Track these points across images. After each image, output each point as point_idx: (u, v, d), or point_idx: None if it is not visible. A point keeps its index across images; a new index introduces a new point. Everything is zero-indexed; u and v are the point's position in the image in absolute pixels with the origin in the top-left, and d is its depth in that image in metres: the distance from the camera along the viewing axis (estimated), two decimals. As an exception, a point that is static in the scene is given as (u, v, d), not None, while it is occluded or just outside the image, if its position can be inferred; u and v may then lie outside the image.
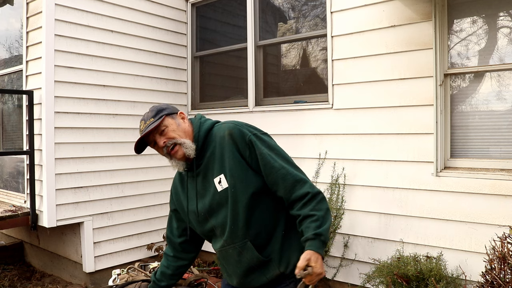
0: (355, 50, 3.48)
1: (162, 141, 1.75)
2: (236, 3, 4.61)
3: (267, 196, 1.72)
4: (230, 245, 1.75)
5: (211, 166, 1.75)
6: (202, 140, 1.77)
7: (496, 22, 3.02)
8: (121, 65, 4.18)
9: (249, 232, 1.70)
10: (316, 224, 1.60)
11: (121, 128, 4.19)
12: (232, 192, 1.69)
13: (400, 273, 2.81)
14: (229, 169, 1.69)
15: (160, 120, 1.73)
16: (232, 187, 1.69)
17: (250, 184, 1.69)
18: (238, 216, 1.69)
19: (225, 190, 1.71)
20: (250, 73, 4.27)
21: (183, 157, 1.75)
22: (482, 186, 2.87)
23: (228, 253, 1.78)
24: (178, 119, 1.79)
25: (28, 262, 4.79)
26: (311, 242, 1.58)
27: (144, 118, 1.79)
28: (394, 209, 3.28)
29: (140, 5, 4.34)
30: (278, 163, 1.68)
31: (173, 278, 2.02)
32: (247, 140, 1.70)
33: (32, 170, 3.71)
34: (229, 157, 1.70)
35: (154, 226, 4.48)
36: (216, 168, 1.73)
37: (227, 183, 1.70)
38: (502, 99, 2.97)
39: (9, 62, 4.45)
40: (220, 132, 1.76)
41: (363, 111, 3.46)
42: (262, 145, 1.70)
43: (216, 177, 1.73)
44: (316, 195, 1.66)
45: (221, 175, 1.71)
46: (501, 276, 2.10)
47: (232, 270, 1.82)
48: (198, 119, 1.84)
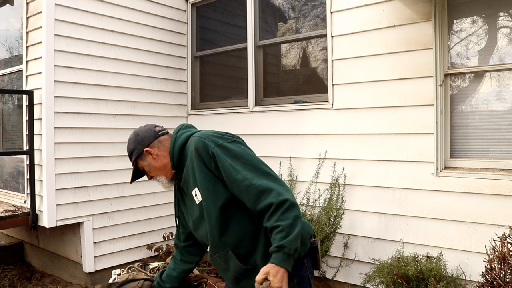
0: (355, 50, 3.48)
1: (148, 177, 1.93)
2: (236, 3, 4.61)
3: (241, 206, 1.68)
4: (216, 254, 1.80)
5: (188, 180, 1.79)
6: (177, 157, 1.81)
7: (496, 22, 3.02)
8: (121, 65, 4.18)
9: (228, 241, 1.73)
10: (281, 235, 1.51)
11: (121, 128, 4.19)
12: (205, 205, 1.72)
13: (400, 273, 2.81)
14: (199, 182, 1.72)
15: (134, 165, 1.89)
16: (204, 200, 1.72)
17: (220, 196, 1.69)
18: (213, 228, 1.72)
19: (200, 204, 1.75)
20: (250, 73, 4.27)
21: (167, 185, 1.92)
22: (482, 186, 2.87)
23: (216, 262, 1.84)
24: (147, 159, 1.86)
25: (28, 262, 4.79)
26: (274, 254, 1.52)
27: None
28: (394, 209, 3.28)
29: (140, 5, 4.34)
30: (241, 175, 1.61)
31: (177, 281, 2.06)
32: (211, 152, 1.67)
33: (32, 170, 3.71)
34: (198, 171, 1.71)
35: (154, 226, 4.48)
36: (191, 182, 1.77)
37: (201, 197, 1.74)
38: (502, 99, 2.97)
39: (9, 62, 4.45)
40: (190, 146, 1.76)
41: (363, 111, 3.46)
42: (225, 156, 1.65)
43: (192, 191, 1.77)
44: (281, 204, 1.55)
45: (195, 189, 1.75)
46: (501, 276, 2.10)
47: (225, 276, 1.88)
48: (174, 134, 1.86)
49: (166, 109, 4.61)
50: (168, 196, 4.62)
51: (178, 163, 1.81)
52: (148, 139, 1.86)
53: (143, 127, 1.91)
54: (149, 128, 1.89)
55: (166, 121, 4.60)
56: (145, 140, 1.86)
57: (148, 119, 4.41)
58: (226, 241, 1.73)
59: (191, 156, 1.74)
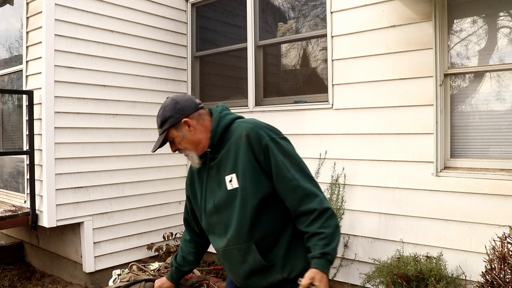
0: (355, 50, 3.48)
1: (173, 149, 1.81)
2: (236, 3, 4.61)
3: (277, 202, 1.69)
4: (236, 245, 1.71)
5: (224, 163, 1.72)
6: (219, 136, 1.73)
7: (496, 22, 3.02)
8: (121, 65, 4.18)
9: (255, 235, 1.68)
10: (324, 242, 1.57)
11: (121, 128, 4.19)
12: (243, 194, 1.66)
13: (400, 273, 2.81)
14: (242, 170, 1.66)
15: (164, 134, 1.77)
16: (242, 189, 1.66)
17: (261, 188, 1.65)
18: (245, 218, 1.67)
19: (235, 190, 1.68)
20: (250, 73, 4.27)
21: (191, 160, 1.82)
22: (482, 186, 2.87)
23: (232, 254, 1.75)
24: (183, 130, 1.76)
25: (28, 262, 4.79)
26: (317, 260, 1.56)
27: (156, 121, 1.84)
28: (394, 209, 3.28)
29: (140, 5, 4.34)
30: (291, 174, 1.64)
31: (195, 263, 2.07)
32: (264, 144, 1.65)
33: (32, 170, 3.71)
34: (244, 159, 1.66)
35: (154, 226, 4.48)
36: (229, 166, 1.70)
37: (237, 184, 1.67)
38: (502, 99, 2.97)
39: (9, 62, 4.45)
40: (238, 130, 1.71)
41: (363, 111, 3.46)
42: (278, 151, 1.65)
43: (227, 175, 1.70)
44: (324, 211, 1.60)
45: (233, 174, 1.68)
46: (501, 276, 2.10)
47: (235, 270, 1.80)
48: (218, 113, 1.79)
49: (166, 109, 4.60)
50: (168, 196, 4.62)
51: (217, 143, 1.74)
52: (189, 109, 1.76)
53: (182, 96, 1.82)
54: (189, 98, 1.80)
55: (166, 121, 4.59)
56: (185, 110, 1.76)
57: (148, 119, 4.42)
58: (253, 234, 1.68)
59: (238, 141, 1.68)
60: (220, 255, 1.82)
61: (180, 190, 4.75)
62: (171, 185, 4.65)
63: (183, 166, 4.78)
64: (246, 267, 1.73)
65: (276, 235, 1.70)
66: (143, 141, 4.37)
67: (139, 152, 4.34)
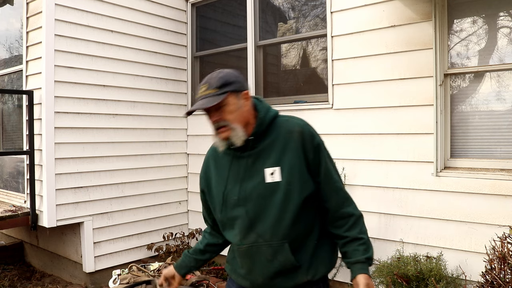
0: (355, 50, 3.48)
1: (215, 118, 1.61)
2: (236, 3, 4.61)
3: (313, 203, 1.67)
4: (267, 242, 1.62)
5: (265, 155, 1.64)
6: (266, 126, 1.66)
7: (496, 22, 3.02)
8: (121, 65, 4.18)
9: (290, 234, 1.62)
10: (365, 247, 1.62)
11: (121, 128, 4.19)
12: (288, 189, 1.60)
13: (400, 273, 2.81)
14: (290, 165, 1.61)
15: (223, 97, 1.57)
16: (288, 184, 1.60)
17: (306, 186, 1.62)
18: (285, 214, 1.60)
19: (275, 184, 1.61)
20: (250, 73, 4.27)
21: (226, 139, 1.63)
22: (482, 186, 2.87)
23: (260, 251, 1.64)
24: (241, 100, 1.62)
25: (28, 262, 4.79)
26: (363, 265, 1.60)
27: (209, 82, 1.60)
28: (394, 209, 3.28)
29: (140, 5, 4.34)
30: (336, 176, 1.69)
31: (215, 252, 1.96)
32: (315, 143, 1.64)
33: (32, 170, 3.71)
34: (293, 154, 1.62)
35: (154, 226, 4.48)
36: (272, 158, 1.63)
37: (280, 178, 1.60)
38: (502, 99, 2.98)
39: (9, 62, 4.45)
40: (288, 125, 1.67)
41: (363, 111, 3.46)
42: (325, 153, 1.68)
43: (269, 168, 1.62)
44: (360, 217, 1.68)
45: (276, 167, 1.61)
46: (501, 276, 2.10)
47: (259, 268, 1.67)
48: (264, 103, 1.73)
49: (166, 109, 4.61)
50: (168, 196, 4.62)
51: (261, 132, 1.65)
52: (247, 86, 1.68)
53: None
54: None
55: (166, 121, 4.60)
56: (245, 84, 1.67)
57: (148, 119, 4.42)
58: (290, 232, 1.61)
59: (288, 136, 1.64)
60: (242, 251, 1.69)
61: (180, 190, 4.75)
62: (171, 185, 4.65)
63: (183, 166, 4.78)
64: (274, 266, 1.64)
65: (306, 236, 1.67)
66: (143, 141, 4.38)
67: (139, 152, 4.34)
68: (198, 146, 4.68)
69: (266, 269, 1.65)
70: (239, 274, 1.77)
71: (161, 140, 4.56)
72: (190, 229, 4.66)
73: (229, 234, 1.74)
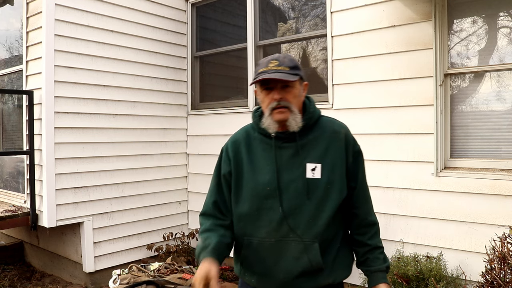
0: (355, 50, 3.48)
1: (280, 96, 1.54)
2: (236, 3, 4.61)
3: (342, 207, 1.65)
4: (299, 238, 1.55)
5: (308, 149, 1.60)
6: (314, 121, 1.65)
7: (496, 22, 3.02)
8: (121, 65, 4.18)
9: (322, 234, 1.58)
10: (384, 256, 1.68)
11: (121, 128, 4.19)
12: (327, 188, 1.57)
13: (400, 273, 2.81)
14: (332, 165, 1.59)
15: (295, 79, 1.55)
16: (328, 183, 1.58)
17: (344, 189, 1.62)
18: (322, 213, 1.57)
19: (316, 181, 1.57)
20: (250, 73, 4.27)
21: (282, 121, 1.57)
22: (482, 186, 2.87)
23: (289, 247, 1.57)
24: (301, 89, 1.63)
25: (28, 262, 4.79)
26: (383, 274, 1.65)
27: (279, 60, 1.57)
28: (394, 209, 3.28)
29: (140, 5, 4.34)
30: (367, 184, 1.72)
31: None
32: (357, 149, 1.69)
33: (32, 170, 3.71)
34: (336, 155, 1.62)
35: (154, 226, 4.48)
36: (315, 155, 1.60)
37: (320, 175, 1.58)
38: (502, 99, 2.97)
39: (9, 62, 4.45)
40: (333, 125, 1.70)
41: (363, 111, 3.46)
42: (363, 161, 1.72)
43: (311, 163, 1.58)
44: (379, 226, 1.74)
45: (318, 164, 1.58)
46: (501, 276, 2.10)
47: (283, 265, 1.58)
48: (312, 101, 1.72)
49: (166, 109, 4.61)
50: (168, 196, 4.62)
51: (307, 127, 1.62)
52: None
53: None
54: None
55: (166, 121, 4.60)
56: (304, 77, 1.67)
57: (148, 119, 4.42)
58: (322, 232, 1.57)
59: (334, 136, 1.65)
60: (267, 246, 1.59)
61: (180, 190, 4.75)
62: (171, 185, 4.65)
63: (183, 166, 4.78)
64: (300, 265, 1.56)
65: (332, 239, 1.64)
66: (143, 141, 4.38)
67: (139, 152, 4.34)
68: (198, 146, 4.68)
69: (292, 267, 1.57)
70: (254, 273, 1.64)
71: (161, 140, 4.56)
72: (190, 229, 4.66)
73: (250, 226, 1.61)
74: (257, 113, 1.70)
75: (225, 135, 4.42)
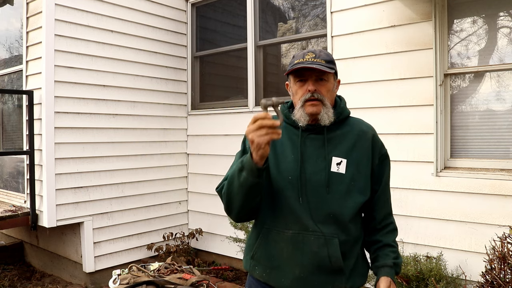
0: (355, 50, 3.48)
1: (314, 88, 1.53)
2: (236, 3, 4.61)
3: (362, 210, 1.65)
4: (317, 232, 1.50)
5: (335, 143, 1.59)
6: (343, 118, 1.65)
7: (496, 22, 3.02)
8: (121, 65, 4.18)
9: (343, 232, 1.53)
10: (396, 255, 1.61)
11: (121, 128, 4.19)
12: (351, 184, 1.55)
13: (400, 273, 2.81)
14: (357, 162, 1.57)
15: (331, 72, 1.56)
16: (352, 180, 1.55)
17: (368, 189, 1.60)
18: (343, 210, 1.52)
19: (339, 175, 1.54)
20: (250, 73, 4.27)
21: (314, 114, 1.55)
22: (482, 186, 2.87)
23: (308, 240, 1.51)
24: (335, 84, 1.64)
25: (28, 262, 4.79)
26: (389, 269, 1.57)
27: (315, 52, 1.57)
28: (394, 209, 3.22)
29: (140, 5, 4.34)
30: (389, 189, 1.70)
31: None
32: (383, 152, 1.68)
33: (32, 170, 3.71)
34: (362, 153, 1.60)
35: (154, 226, 4.48)
36: (341, 149, 1.58)
37: (345, 171, 1.55)
38: (502, 99, 2.97)
39: (9, 62, 4.45)
40: (361, 125, 1.70)
41: (363, 111, 3.46)
42: (389, 165, 1.70)
43: (337, 157, 1.56)
44: (397, 230, 1.70)
45: (344, 159, 1.56)
46: (501, 276, 2.10)
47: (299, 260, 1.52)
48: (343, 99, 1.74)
49: (166, 109, 4.61)
50: (168, 196, 4.62)
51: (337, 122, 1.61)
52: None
53: None
54: None
55: (166, 121, 4.60)
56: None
57: (148, 119, 4.42)
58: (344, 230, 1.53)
59: (361, 135, 1.64)
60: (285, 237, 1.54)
61: (180, 190, 4.75)
62: (171, 185, 4.65)
63: (183, 166, 4.78)
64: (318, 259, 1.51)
65: (354, 243, 1.59)
66: (143, 141, 4.38)
67: (139, 152, 4.34)
68: (198, 146, 4.68)
69: (309, 262, 1.51)
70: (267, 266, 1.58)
71: (161, 140, 4.56)
72: (190, 229, 4.66)
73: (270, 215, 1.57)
74: (287, 105, 1.69)
75: (225, 135, 4.44)
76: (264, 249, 1.58)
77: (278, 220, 1.55)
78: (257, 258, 1.61)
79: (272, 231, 1.56)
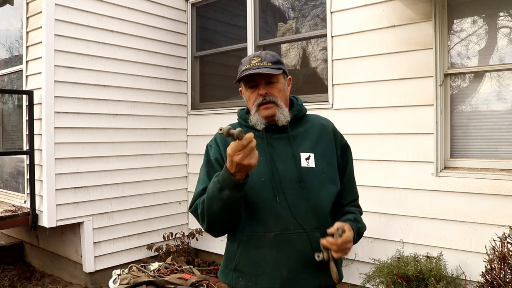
0: (355, 50, 3.48)
1: (265, 91, 1.57)
2: (236, 3, 4.61)
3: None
4: (299, 229, 1.51)
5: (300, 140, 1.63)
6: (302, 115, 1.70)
7: (496, 22, 3.02)
8: (121, 65, 4.18)
9: (325, 225, 1.52)
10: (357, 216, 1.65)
11: (121, 128, 4.19)
12: (323, 176, 1.58)
13: (400, 273, 2.81)
14: (324, 155, 1.62)
15: (278, 73, 1.57)
16: (323, 172, 1.59)
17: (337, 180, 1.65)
18: (320, 203, 1.55)
19: (310, 170, 1.57)
20: (250, 73, 4.26)
21: (270, 117, 1.58)
22: (482, 186, 2.87)
23: (291, 240, 1.51)
24: (286, 83, 1.67)
25: (28, 262, 4.79)
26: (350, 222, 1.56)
27: (261, 56, 1.60)
28: (394, 209, 3.28)
29: (140, 5, 4.34)
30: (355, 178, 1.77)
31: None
32: (344, 143, 1.73)
33: (32, 170, 3.71)
34: (326, 145, 1.66)
35: (154, 226, 4.48)
36: (307, 145, 1.62)
37: (314, 165, 1.58)
38: (502, 99, 2.97)
39: (9, 62, 4.45)
40: (320, 119, 1.74)
41: (363, 111, 3.46)
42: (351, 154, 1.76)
43: (304, 152, 1.60)
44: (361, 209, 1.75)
45: (311, 153, 1.60)
46: (501, 276, 2.10)
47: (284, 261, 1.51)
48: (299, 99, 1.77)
49: (166, 109, 4.61)
50: (168, 196, 4.62)
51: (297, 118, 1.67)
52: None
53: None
54: None
55: (166, 121, 4.60)
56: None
57: (148, 119, 4.42)
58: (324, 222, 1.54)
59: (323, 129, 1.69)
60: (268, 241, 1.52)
61: (180, 190, 4.75)
62: (171, 185, 4.65)
63: (183, 166, 4.78)
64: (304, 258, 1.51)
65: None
66: (143, 141, 4.38)
67: (139, 152, 4.34)
68: (198, 146, 4.68)
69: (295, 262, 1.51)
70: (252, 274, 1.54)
71: (161, 140, 4.56)
72: (190, 229, 4.66)
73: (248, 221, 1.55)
74: (244, 111, 1.74)
75: (225, 135, 4.43)
76: (246, 258, 1.55)
77: (257, 225, 1.53)
78: (240, 269, 1.56)
79: (252, 237, 1.54)
